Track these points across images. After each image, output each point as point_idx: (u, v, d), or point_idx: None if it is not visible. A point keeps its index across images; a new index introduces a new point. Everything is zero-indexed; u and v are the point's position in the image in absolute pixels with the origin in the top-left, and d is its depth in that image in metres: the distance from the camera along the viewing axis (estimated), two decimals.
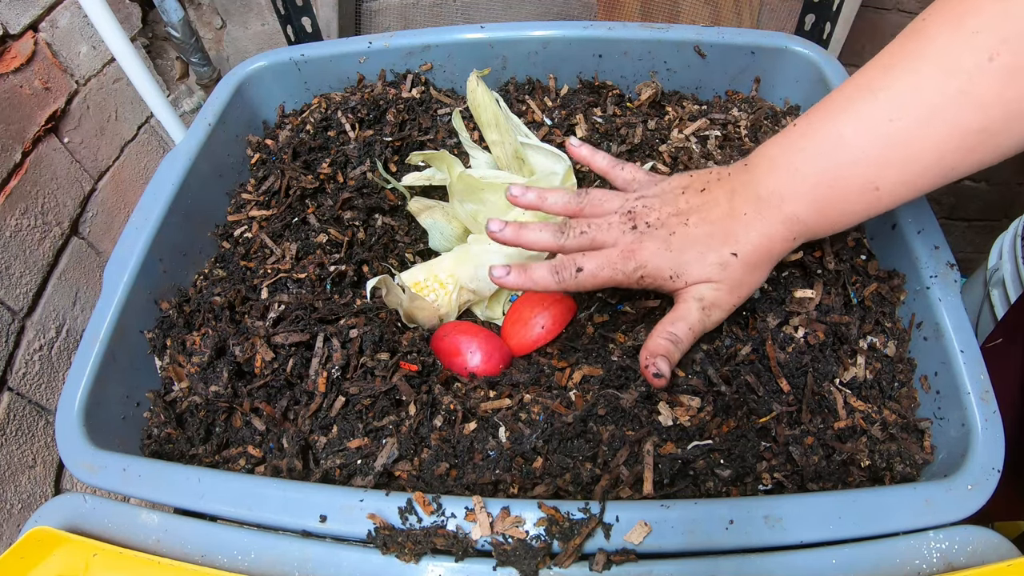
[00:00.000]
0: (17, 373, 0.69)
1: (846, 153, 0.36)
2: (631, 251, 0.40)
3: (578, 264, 0.41)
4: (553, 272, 0.42)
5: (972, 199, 1.24)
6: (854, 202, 0.37)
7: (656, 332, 0.41)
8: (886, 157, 0.35)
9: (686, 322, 0.40)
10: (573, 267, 0.41)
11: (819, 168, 0.37)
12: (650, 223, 0.41)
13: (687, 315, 0.40)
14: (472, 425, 0.43)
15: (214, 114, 0.61)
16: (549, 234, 0.43)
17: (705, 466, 0.39)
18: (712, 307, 0.40)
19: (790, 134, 0.39)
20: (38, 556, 0.36)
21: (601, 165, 0.48)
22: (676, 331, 0.40)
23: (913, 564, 0.34)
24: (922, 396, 0.44)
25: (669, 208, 0.41)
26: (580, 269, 0.41)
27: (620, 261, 0.40)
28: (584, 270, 0.41)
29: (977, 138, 0.34)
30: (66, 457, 0.42)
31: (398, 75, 0.68)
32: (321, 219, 0.58)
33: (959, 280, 0.45)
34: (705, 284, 0.40)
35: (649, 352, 0.40)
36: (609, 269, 0.41)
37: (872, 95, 0.36)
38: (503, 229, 0.44)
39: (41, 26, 0.76)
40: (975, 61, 0.33)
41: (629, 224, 0.42)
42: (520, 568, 0.34)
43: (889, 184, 0.36)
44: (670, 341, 0.40)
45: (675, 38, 0.63)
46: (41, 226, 0.73)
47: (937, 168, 0.35)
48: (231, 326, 0.50)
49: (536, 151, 0.58)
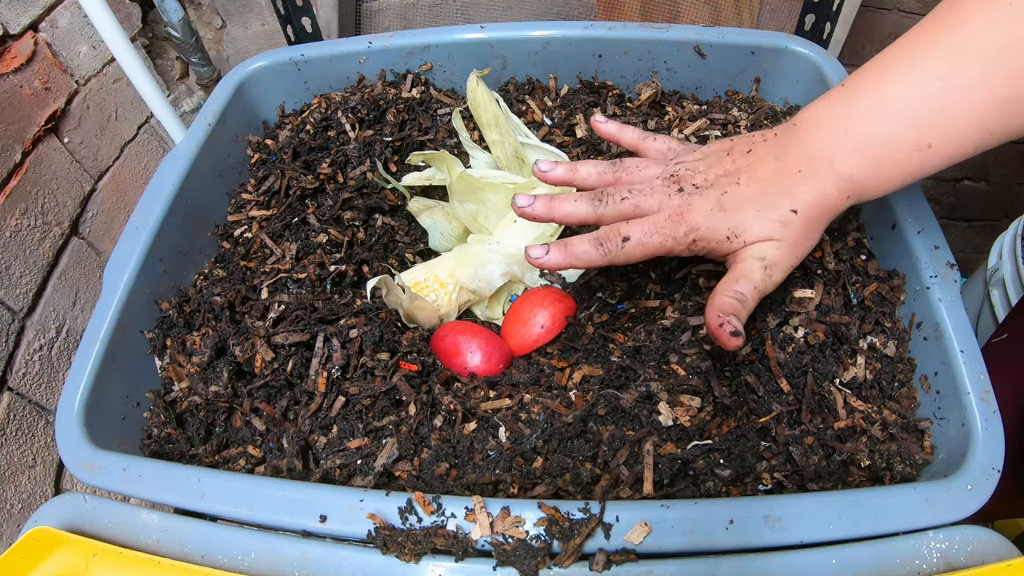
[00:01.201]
0: (17, 373, 0.69)
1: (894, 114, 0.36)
2: (680, 214, 0.38)
3: (623, 233, 0.39)
4: (597, 244, 0.39)
5: (972, 199, 1.25)
6: (906, 160, 0.37)
7: (721, 291, 0.38)
8: (932, 118, 0.36)
9: (750, 281, 0.38)
10: (618, 236, 0.39)
11: (869, 128, 0.37)
12: (697, 184, 0.39)
13: (750, 274, 0.38)
14: (472, 425, 0.43)
15: (214, 114, 0.61)
16: (586, 203, 0.41)
17: (705, 466, 0.39)
18: (773, 266, 0.38)
19: (837, 95, 0.39)
20: (38, 556, 0.36)
21: (631, 138, 0.46)
22: (742, 289, 0.38)
23: (913, 564, 0.34)
24: (922, 396, 0.44)
25: (716, 169, 0.40)
26: (627, 238, 0.39)
27: (669, 225, 0.38)
28: (631, 238, 0.39)
29: (1012, 106, 0.35)
30: (66, 457, 0.42)
31: (398, 75, 0.68)
32: (321, 219, 0.58)
33: (959, 280, 0.45)
34: (766, 242, 0.38)
35: (720, 310, 0.36)
36: (658, 235, 0.38)
37: (914, 60, 0.36)
38: (532, 204, 0.41)
39: (41, 26, 0.75)
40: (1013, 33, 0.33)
41: (675, 187, 0.39)
42: (520, 568, 0.34)
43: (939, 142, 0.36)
44: (737, 300, 0.37)
45: (675, 38, 0.63)
46: (41, 226, 0.73)
47: (978, 132, 0.36)
48: (231, 326, 0.50)
49: (536, 151, 0.58)
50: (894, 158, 0.37)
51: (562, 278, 0.55)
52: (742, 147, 0.40)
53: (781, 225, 0.38)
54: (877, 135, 0.37)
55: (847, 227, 0.51)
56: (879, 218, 0.50)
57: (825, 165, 0.38)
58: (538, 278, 0.57)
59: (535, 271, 0.57)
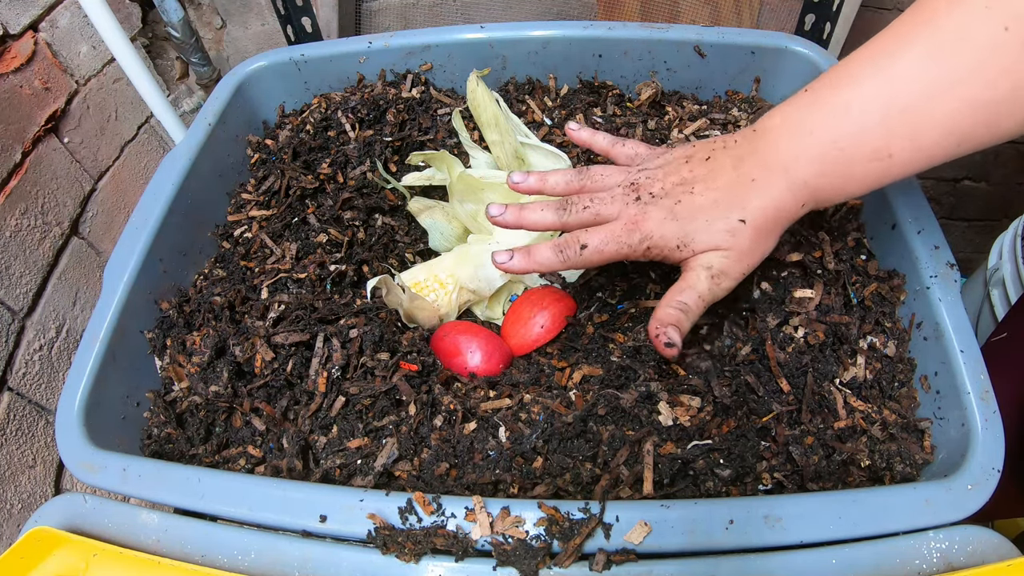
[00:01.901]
0: (17, 373, 0.69)
1: (853, 121, 0.36)
2: (635, 222, 0.40)
3: (582, 241, 0.41)
4: (557, 251, 0.41)
5: (972, 199, 1.24)
6: (864, 169, 0.37)
7: (665, 302, 0.40)
8: (893, 128, 0.35)
9: (695, 291, 0.39)
10: (577, 244, 0.41)
11: (827, 136, 0.37)
12: (654, 193, 0.40)
13: (696, 283, 0.39)
14: (472, 425, 0.43)
15: (214, 114, 0.61)
16: (551, 213, 0.43)
17: (705, 466, 0.39)
18: (721, 275, 0.39)
19: (798, 101, 0.39)
20: (38, 556, 0.36)
21: (602, 145, 0.48)
22: (685, 299, 0.39)
23: (913, 564, 0.34)
24: (922, 396, 0.44)
25: (673, 178, 0.41)
26: (584, 246, 0.40)
27: (625, 234, 0.40)
28: (589, 246, 0.40)
29: (988, 111, 0.34)
30: (66, 457, 0.42)
31: (398, 75, 0.68)
32: (321, 219, 0.58)
33: (959, 280, 0.45)
34: (714, 252, 0.39)
35: (659, 321, 0.38)
36: (614, 243, 0.40)
37: (878, 67, 0.36)
38: (503, 213, 0.43)
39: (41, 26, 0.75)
40: (988, 35, 0.32)
41: (632, 196, 0.41)
42: (520, 568, 0.34)
43: (900, 152, 0.36)
44: (679, 310, 0.39)
45: (675, 38, 0.63)
46: (41, 226, 0.73)
47: (948, 140, 0.35)
48: (231, 326, 0.50)
49: (536, 151, 0.58)
50: (852, 167, 0.37)
51: (562, 278, 0.55)
52: (702, 154, 0.41)
53: (729, 235, 0.38)
54: (835, 143, 0.37)
55: (847, 227, 0.51)
56: (879, 218, 0.50)
57: (780, 173, 0.38)
58: (538, 278, 0.57)
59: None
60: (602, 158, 0.50)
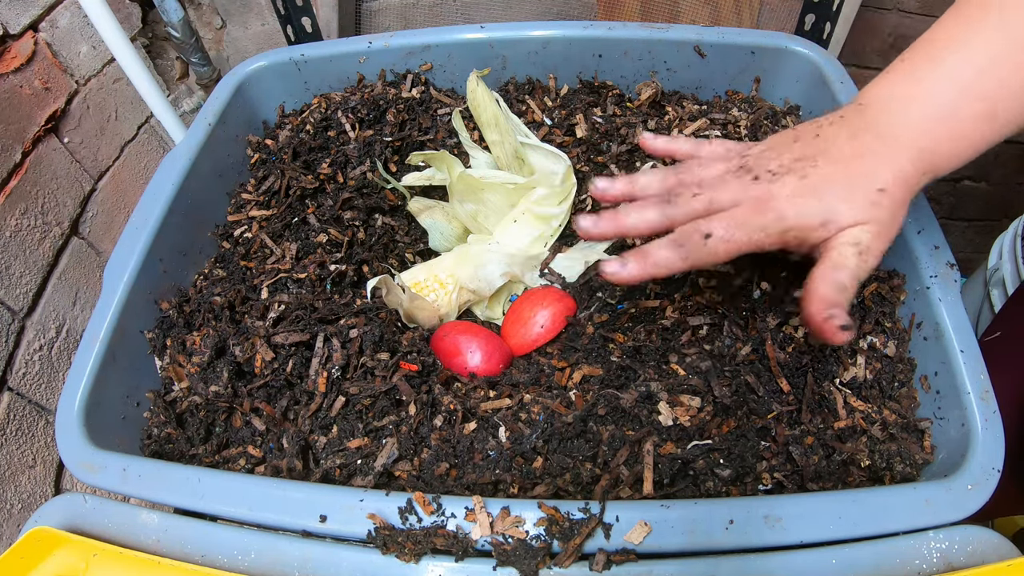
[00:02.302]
0: (17, 373, 0.69)
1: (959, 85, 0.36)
2: (763, 201, 0.36)
3: (704, 229, 0.36)
4: (676, 246, 0.37)
5: (972, 199, 1.24)
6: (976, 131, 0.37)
7: (820, 280, 0.35)
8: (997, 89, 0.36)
9: (848, 269, 0.35)
10: (699, 234, 0.36)
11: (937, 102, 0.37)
12: (773, 171, 0.37)
13: (845, 262, 0.35)
14: (472, 425, 0.43)
15: (214, 114, 0.61)
16: (653, 208, 0.38)
17: (705, 466, 0.39)
18: (867, 252, 0.36)
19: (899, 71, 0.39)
20: (38, 556, 0.36)
21: (686, 148, 0.43)
22: (842, 279, 0.35)
23: (913, 564, 0.34)
24: (922, 396, 0.44)
25: (788, 155, 0.37)
26: (709, 235, 0.36)
27: (754, 216, 0.36)
28: (714, 235, 0.36)
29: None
30: (66, 457, 0.42)
31: (398, 75, 0.68)
32: (321, 219, 0.58)
33: (959, 280, 0.45)
34: (859, 227, 0.35)
35: (824, 302, 0.34)
36: (743, 230, 0.36)
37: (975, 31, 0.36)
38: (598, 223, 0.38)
39: (41, 26, 0.75)
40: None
41: (748, 176, 0.37)
42: (520, 568, 0.34)
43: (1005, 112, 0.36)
44: (839, 290, 0.35)
45: (675, 38, 0.63)
46: (41, 226, 0.73)
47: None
48: (231, 326, 0.50)
49: (536, 151, 0.58)
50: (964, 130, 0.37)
51: (562, 278, 0.55)
52: (809, 133, 0.39)
53: (873, 206, 0.35)
54: (945, 109, 0.36)
55: None
56: None
57: (900, 142, 0.37)
58: (538, 278, 0.57)
59: (535, 271, 0.57)
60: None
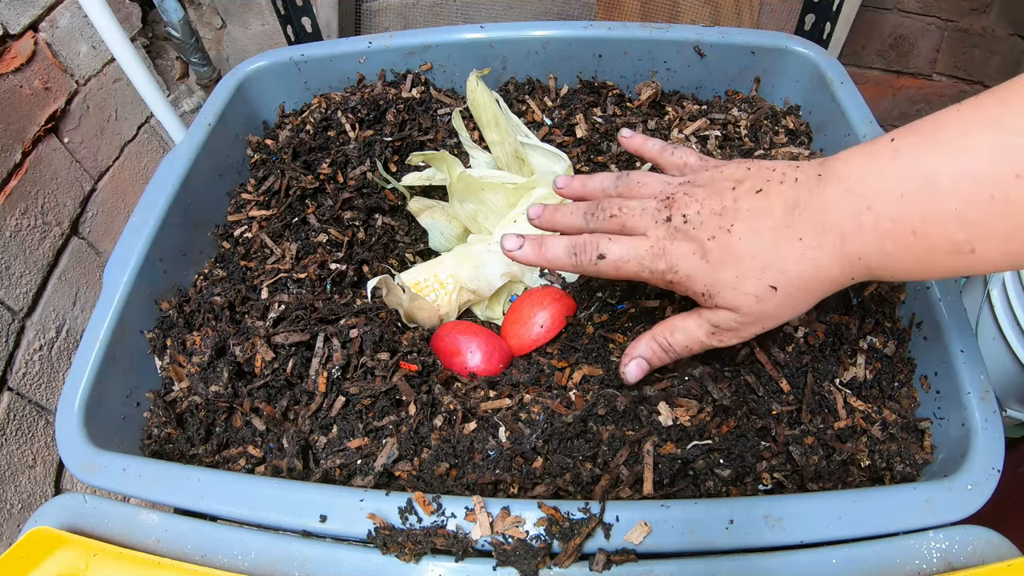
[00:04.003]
0: (17, 373, 0.69)
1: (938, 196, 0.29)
2: (662, 249, 0.36)
3: (601, 250, 0.38)
4: (571, 252, 0.38)
5: None
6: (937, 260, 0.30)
7: (654, 332, 0.39)
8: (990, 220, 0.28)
9: (689, 338, 0.38)
10: (595, 251, 0.38)
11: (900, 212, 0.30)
12: (687, 217, 0.36)
13: (694, 334, 0.37)
14: (472, 425, 0.43)
15: (214, 114, 0.61)
16: (579, 215, 0.41)
17: (705, 466, 0.39)
18: (728, 334, 0.37)
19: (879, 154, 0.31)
20: (38, 556, 0.36)
21: (652, 151, 0.44)
22: (674, 344, 0.38)
23: (913, 564, 0.34)
24: (922, 396, 0.44)
25: (713, 203, 0.36)
26: (603, 256, 0.37)
27: (649, 258, 0.37)
28: (607, 258, 0.37)
29: None
30: (66, 457, 0.42)
31: (398, 75, 0.68)
32: (321, 219, 0.58)
33: (959, 280, 0.45)
34: (731, 312, 0.35)
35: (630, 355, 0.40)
36: (636, 263, 0.37)
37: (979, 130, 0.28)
38: (541, 215, 0.42)
39: (41, 26, 0.76)
40: None
41: (664, 214, 0.37)
42: (520, 568, 0.34)
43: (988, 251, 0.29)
44: (662, 349, 0.38)
45: (675, 38, 0.63)
46: (41, 226, 0.73)
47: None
48: (231, 326, 0.50)
49: (536, 151, 0.58)
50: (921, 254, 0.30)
51: (562, 278, 0.55)
52: (753, 183, 0.35)
53: (755, 300, 0.34)
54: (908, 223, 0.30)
55: None
56: None
57: (835, 240, 0.32)
58: (538, 278, 0.57)
59: (535, 271, 0.57)
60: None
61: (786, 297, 0.34)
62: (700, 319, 0.37)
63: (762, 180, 0.35)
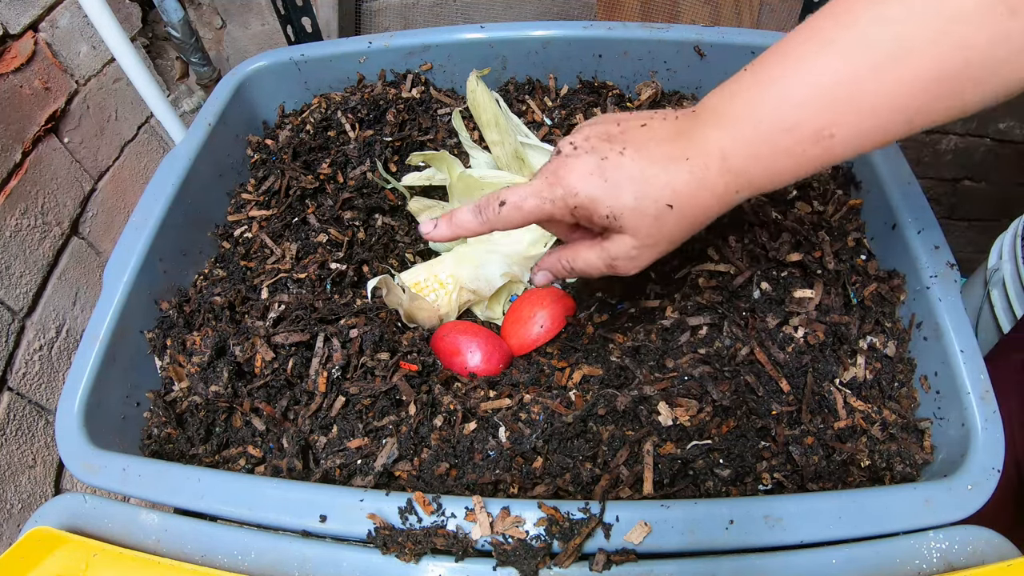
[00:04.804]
0: (17, 373, 0.69)
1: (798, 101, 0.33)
2: (556, 175, 0.37)
3: (500, 197, 0.38)
4: (476, 212, 0.39)
5: (972, 199, 1.24)
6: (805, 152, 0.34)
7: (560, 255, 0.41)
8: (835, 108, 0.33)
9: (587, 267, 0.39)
10: (496, 202, 0.38)
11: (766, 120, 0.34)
12: (576, 144, 0.37)
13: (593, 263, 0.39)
14: (472, 425, 0.43)
15: (214, 114, 0.61)
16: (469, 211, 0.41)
17: (705, 466, 0.39)
18: (626, 262, 0.38)
19: (740, 82, 0.36)
20: (38, 556, 0.36)
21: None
22: (575, 268, 0.40)
23: (913, 564, 0.34)
24: (922, 396, 0.44)
25: (599, 129, 0.37)
26: (503, 202, 0.38)
27: (547, 188, 0.37)
28: (507, 202, 0.38)
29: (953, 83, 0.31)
30: (66, 457, 0.42)
31: (398, 75, 0.68)
32: (321, 219, 0.58)
33: (959, 280, 0.45)
34: (630, 238, 0.37)
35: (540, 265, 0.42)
36: (535, 198, 0.37)
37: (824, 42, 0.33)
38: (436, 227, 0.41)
39: (41, 26, 0.75)
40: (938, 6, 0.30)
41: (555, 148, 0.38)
42: (520, 568, 0.34)
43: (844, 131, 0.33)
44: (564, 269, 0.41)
45: (675, 38, 0.63)
46: (41, 226, 0.73)
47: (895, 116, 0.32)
48: (231, 326, 0.50)
49: (536, 151, 0.58)
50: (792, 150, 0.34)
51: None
52: (637, 120, 0.38)
53: (654, 221, 0.36)
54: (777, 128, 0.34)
55: (847, 227, 0.51)
56: (879, 218, 0.50)
57: (716, 159, 0.35)
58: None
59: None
60: None
61: (680, 216, 0.36)
62: (601, 251, 0.38)
63: (645, 117, 0.38)
